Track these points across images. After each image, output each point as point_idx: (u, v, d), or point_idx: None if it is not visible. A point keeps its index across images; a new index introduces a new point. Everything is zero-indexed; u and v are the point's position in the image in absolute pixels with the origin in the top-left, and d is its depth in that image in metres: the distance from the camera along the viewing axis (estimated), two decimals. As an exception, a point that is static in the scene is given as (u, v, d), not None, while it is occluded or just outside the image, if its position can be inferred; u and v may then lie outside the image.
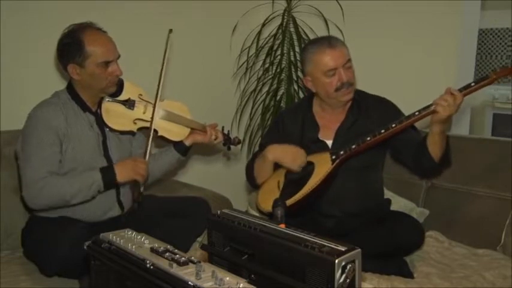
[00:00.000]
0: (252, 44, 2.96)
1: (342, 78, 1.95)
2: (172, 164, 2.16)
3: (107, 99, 1.97)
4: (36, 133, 1.83)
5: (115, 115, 1.97)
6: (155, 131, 2.02)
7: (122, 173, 1.87)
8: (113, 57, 1.89)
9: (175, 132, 2.08)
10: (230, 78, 3.12)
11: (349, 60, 1.99)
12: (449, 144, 1.97)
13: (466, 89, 1.82)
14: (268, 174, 2.10)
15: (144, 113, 2.01)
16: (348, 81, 1.96)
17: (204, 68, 2.98)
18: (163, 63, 2.02)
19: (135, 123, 2.00)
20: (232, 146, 2.27)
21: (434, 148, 1.91)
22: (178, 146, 2.12)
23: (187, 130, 2.11)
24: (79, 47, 1.83)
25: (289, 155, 2.00)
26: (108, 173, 1.86)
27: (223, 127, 2.21)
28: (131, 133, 2.05)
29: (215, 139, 2.15)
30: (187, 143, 2.12)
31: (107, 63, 1.87)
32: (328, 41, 2.01)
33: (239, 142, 2.28)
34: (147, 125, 2.00)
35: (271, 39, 2.96)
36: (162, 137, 2.06)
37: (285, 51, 2.94)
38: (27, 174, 1.80)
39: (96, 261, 1.37)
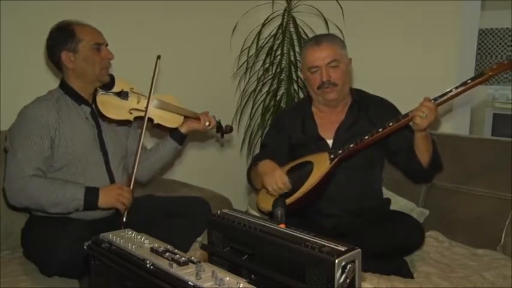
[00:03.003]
0: (252, 44, 2.96)
1: (322, 77, 1.97)
2: (170, 155, 2.19)
3: (101, 92, 1.99)
4: (24, 129, 1.84)
5: (111, 106, 1.99)
6: (151, 120, 2.05)
7: (105, 199, 1.86)
8: (103, 41, 1.96)
9: (170, 120, 2.11)
10: (230, 78, 3.12)
11: (336, 60, 1.98)
12: (437, 149, 2.00)
13: (461, 87, 1.81)
14: (261, 184, 2.08)
15: (138, 103, 2.04)
16: (328, 80, 1.98)
17: (204, 68, 2.98)
18: (151, 86, 2.02)
19: (130, 113, 2.03)
20: (225, 134, 2.30)
21: (421, 153, 1.94)
22: (175, 134, 2.14)
23: (181, 118, 2.13)
24: (71, 34, 1.89)
25: (272, 179, 1.96)
26: (91, 194, 1.84)
27: (214, 116, 2.21)
28: (128, 123, 2.07)
29: (209, 125, 2.17)
30: (183, 130, 2.14)
31: (98, 47, 1.93)
32: (317, 39, 2.04)
33: (231, 130, 2.31)
34: (143, 114, 2.03)
35: (271, 39, 2.96)
36: (158, 125, 2.09)
37: (285, 51, 2.94)
38: (11, 169, 1.82)
39: (96, 261, 1.37)
